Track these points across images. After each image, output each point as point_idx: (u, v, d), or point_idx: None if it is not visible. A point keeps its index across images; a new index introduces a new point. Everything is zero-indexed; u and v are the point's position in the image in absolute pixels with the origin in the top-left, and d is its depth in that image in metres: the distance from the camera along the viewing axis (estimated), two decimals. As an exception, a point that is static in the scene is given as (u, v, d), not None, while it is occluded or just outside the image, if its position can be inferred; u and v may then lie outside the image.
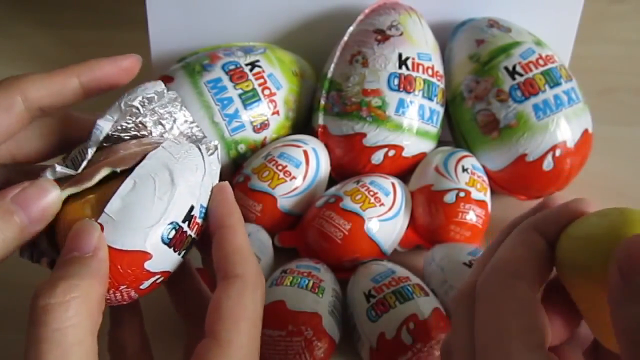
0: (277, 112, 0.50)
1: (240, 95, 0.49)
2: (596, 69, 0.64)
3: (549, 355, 0.25)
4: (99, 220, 0.26)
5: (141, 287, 0.28)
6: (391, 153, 0.49)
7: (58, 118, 0.33)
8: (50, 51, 0.66)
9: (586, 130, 0.49)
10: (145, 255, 0.27)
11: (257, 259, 0.43)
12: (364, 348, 0.39)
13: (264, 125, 0.50)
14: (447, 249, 0.44)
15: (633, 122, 0.60)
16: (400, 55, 0.49)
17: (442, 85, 0.51)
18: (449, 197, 0.46)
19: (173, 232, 0.27)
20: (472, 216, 0.46)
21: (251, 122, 0.49)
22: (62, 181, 0.29)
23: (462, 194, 0.46)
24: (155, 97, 0.31)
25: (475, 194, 0.46)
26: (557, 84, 0.48)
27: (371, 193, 0.46)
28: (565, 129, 0.48)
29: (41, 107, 0.30)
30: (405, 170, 0.50)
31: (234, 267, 0.28)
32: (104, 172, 0.28)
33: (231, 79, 0.49)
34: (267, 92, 0.50)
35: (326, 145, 0.50)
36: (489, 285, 0.27)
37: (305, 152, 0.48)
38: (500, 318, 0.26)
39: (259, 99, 0.49)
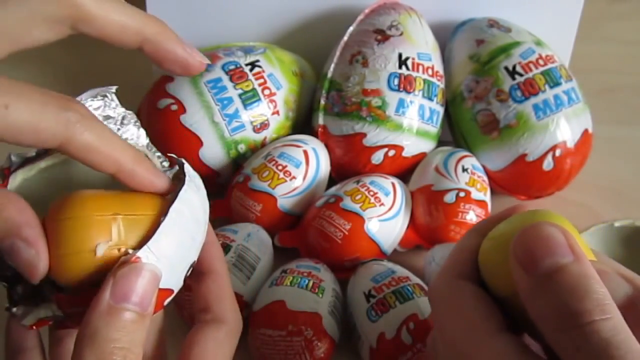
0: (277, 112, 0.50)
1: (240, 95, 0.49)
2: (596, 69, 0.64)
3: (513, 336, 0.25)
4: (138, 254, 0.25)
5: None
6: (391, 153, 0.49)
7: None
8: (51, 51, 0.66)
9: (586, 130, 0.49)
10: (170, 292, 0.27)
11: (257, 258, 0.43)
12: (364, 348, 0.39)
13: (264, 125, 0.50)
14: (447, 249, 0.44)
15: (633, 122, 0.60)
16: (400, 55, 0.49)
17: (442, 85, 0.51)
18: (449, 197, 0.46)
19: (192, 269, 0.28)
20: (472, 216, 0.46)
21: (251, 122, 0.49)
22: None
23: (462, 194, 0.46)
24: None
25: (475, 194, 0.46)
26: (557, 84, 0.48)
27: (371, 193, 0.46)
28: (565, 129, 0.48)
29: (91, 34, 0.29)
30: (405, 170, 0.50)
31: (225, 313, 0.29)
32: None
33: (231, 79, 0.49)
34: (267, 92, 0.50)
35: (326, 145, 0.50)
36: (438, 289, 0.29)
37: (305, 152, 0.48)
38: (454, 318, 0.27)
39: (259, 99, 0.50)
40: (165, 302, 0.27)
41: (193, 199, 0.27)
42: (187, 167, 0.29)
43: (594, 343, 0.22)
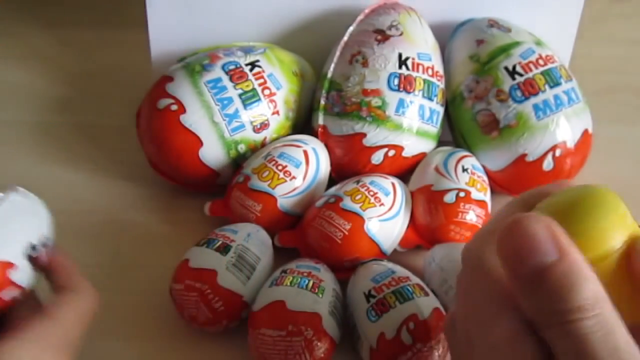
0: (277, 112, 0.50)
1: (240, 95, 0.49)
2: (596, 69, 0.64)
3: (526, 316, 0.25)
4: None
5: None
6: (391, 153, 0.49)
7: None
8: (51, 51, 0.66)
9: (586, 130, 0.49)
10: (9, 265, 0.32)
11: (257, 259, 0.43)
12: (364, 348, 0.39)
13: (264, 125, 0.50)
14: (447, 249, 0.44)
15: (633, 122, 0.60)
16: (400, 55, 0.49)
17: (442, 85, 0.51)
18: (449, 197, 0.46)
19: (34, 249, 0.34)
20: (472, 216, 0.46)
21: (251, 122, 0.49)
22: None
23: (462, 194, 0.46)
24: None
25: (475, 194, 0.46)
26: (557, 84, 0.48)
27: (371, 193, 0.46)
28: (565, 129, 0.48)
29: None
30: (405, 170, 0.50)
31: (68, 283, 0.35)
32: None
33: (231, 79, 0.49)
34: (267, 92, 0.50)
35: (326, 145, 0.50)
36: (469, 255, 0.28)
37: (305, 152, 0.48)
38: (480, 287, 0.27)
39: (259, 99, 0.50)
40: (11, 276, 0.32)
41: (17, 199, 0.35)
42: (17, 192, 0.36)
43: (571, 340, 0.22)
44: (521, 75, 0.48)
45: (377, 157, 0.49)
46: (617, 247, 0.25)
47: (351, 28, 0.51)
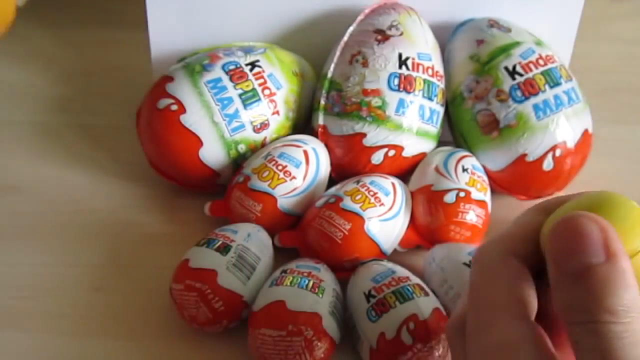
0: (277, 112, 0.50)
1: (240, 95, 0.49)
2: (596, 69, 0.64)
3: (534, 326, 0.25)
4: None
5: None
6: (391, 153, 0.49)
7: None
8: (50, 51, 0.66)
9: (586, 130, 0.49)
10: None
11: (257, 259, 0.43)
12: (364, 348, 0.39)
13: (264, 125, 0.50)
14: (447, 249, 0.44)
15: (633, 122, 0.60)
16: (400, 55, 0.49)
17: (442, 85, 0.51)
18: (449, 197, 0.46)
19: None
20: (472, 216, 0.46)
21: (251, 122, 0.49)
22: None
23: (462, 194, 0.46)
24: None
25: (475, 194, 0.46)
26: (557, 84, 0.48)
27: (371, 193, 0.46)
28: (565, 129, 0.48)
29: None
30: (405, 170, 0.50)
31: None
32: None
33: (231, 79, 0.49)
34: (267, 92, 0.50)
35: (326, 145, 0.50)
36: (481, 258, 0.28)
37: (305, 152, 0.48)
38: (487, 290, 0.27)
39: (259, 99, 0.50)
40: None
41: None
42: None
43: (598, 340, 0.23)
44: (521, 75, 0.48)
45: (377, 157, 0.49)
46: None
47: (351, 28, 0.51)
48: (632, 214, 0.26)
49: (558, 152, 0.48)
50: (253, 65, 0.50)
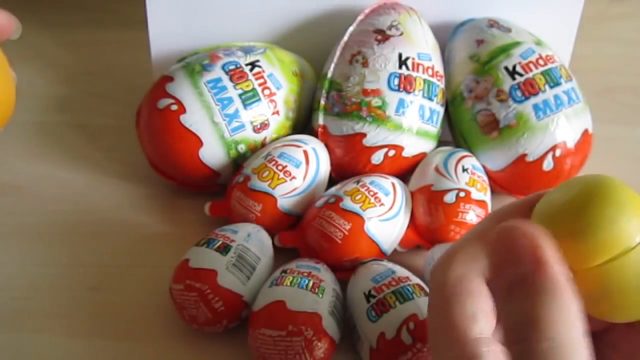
0: (277, 112, 0.50)
1: (240, 95, 0.49)
2: (596, 69, 0.64)
3: (489, 342, 0.25)
4: None
5: None
6: (391, 153, 0.49)
7: None
8: (50, 51, 0.66)
9: (586, 130, 0.49)
10: None
11: (257, 259, 0.43)
12: (364, 348, 0.39)
13: (264, 125, 0.50)
14: (447, 249, 0.44)
15: (633, 122, 0.60)
16: (400, 55, 0.49)
17: (442, 85, 0.51)
18: (449, 197, 0.46)
19: None
20: (472, 216, 0.46)
21: (251, 122, 0.49)
22: None
23: (462, 194, 0.46)
24: None
25: (475, 194, 0.46)
26: (557, 84, 0.48)
27: (371, 193, 0.46)
28: (565, 129, 0.48)
29: None
30: (405, 170, 0.50)
31: None
32: None
33: (231, 79, 0.49)
34: (267, 92, 0.50)
35: (326, 145, 0.50)
36: (437, 273, 0.28)
37: (305, 152, 0.48)
38: (445, 306, 0.26)
39: (259, 99, 0.50)
40: None
41: None
42: None
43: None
44: (521, 75, 0.48)
45: (377, 157, 0.49)
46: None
47: (351, 28, 0.51)
48: (628, 206, 0.25)
49: (558, 152, 0.48)
50: (253, 65, 0.50)
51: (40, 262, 0.46)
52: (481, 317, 0.25)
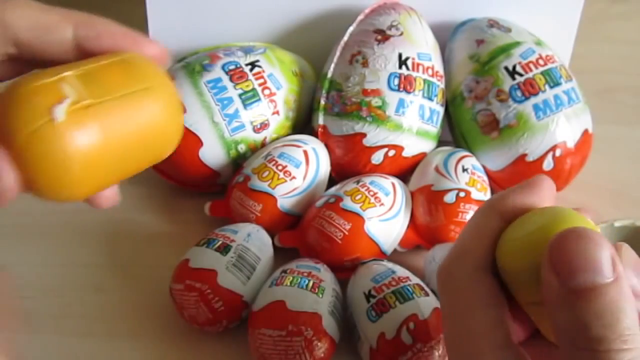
0: (277, 112, 0.50)
1: (240, 95, 0.49)
2: (596, 69, 0.64)
3: (517, 351, 0.25)
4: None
5: None
6: (391, 153, 0.49)
7: None
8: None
9: (586, 130, 0.49)
10: None
11: (257, 259, 0.43)
12: (364, 348, 0.39)
13: (264, 125, 0.50)
14: (447, 249, 0.44)
15: (633, 122, 0.60)
16: (400, 55, 0.49)
17: (442, 85, 0.51)
18: (449, 197, 0.46)
19: None
20: (472, 216, 0.46)
21: (251, 122, 0.49)
22: None
23: (462, 194, 0.46)
24: None
25: (475, 194, 0.46)
26: (557, 84, 0.48)
27: (371, 193, 0.46)
28: (565, 129, 0.48)
29: (17, 40, 0.24)
30: (405, 170, 0.50)
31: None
32: None
33: (231, 79, 0.49)
34: (267, 92, 0.50)
35: (326, 145, 0.50)
36: (448, 280, 0.27)
37: (305, 152, 0.48)
38: (463, 318, 0.26)
39: (259, 99, 0.50)
40: None
41: None
42: None
43: None
44: (521, 75, 0.48)
45: (377, 157, 0.49)
46: None
47: (351, 28, 0.51)
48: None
49: (558, 152, 0.48)
50: (253, 65, 0.50)
51: (40, 262, 0.46)
52: (507, 321, 0.25)
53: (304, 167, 0.47)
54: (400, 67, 0.49)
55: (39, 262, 0.46)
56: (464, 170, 0.47)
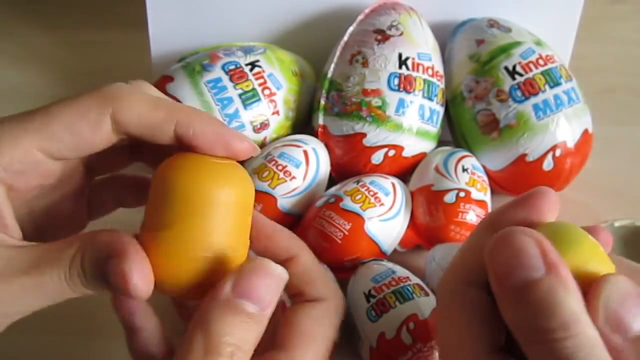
0: (277, 112, 0.50)
1: (240, 95, 0.49)
2: (596, 69, 0.64)
3: (499, 358, 0.25)
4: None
5: None
6: (391, 153, 0.49)
7: None
8: (51, 51, 0.66)
9: (586, 130, 0.49)
10: None
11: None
12: (364, 348, 0.39)
13: (264, 125, 0.50)
14: (447, 249, 0.44)
15: (633, 122, 0.60)
16: (400, 55, 0.49)
17: (442, 85, 0.51)
18: (449, 197, 0.46)
19: None
20: (472, 216, 0.46)
21: (251, 122, 0.49)
22: None
23: (462, 194, 0.46)
24: None
25: (475, 194, 0.46)
26: (557, 84, 0.48)
27: (371, 193, 0.46)
28: (565, 129, 0.48)
29: (128, 134, 0.27)
30: (405, 170, 0.50)
31: (319, 292, 0.29)
32: None
33: (231, 79, 0.49)
34: (267, 92, 0.50)
35: (326, 145, 0.50)
36: (442, 293, 0.28)
37: (305, 152, 0.48)
38: (450, 330, 0.26)
39: (259, 99, 0.50)
40: None
41: None
42: None
43: (556, 358, 0.22)
44: (521, 75, 0.48)
45: (377, 157, 0.49)
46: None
47: (351, 28, 0.51)
48: (587, 245, 0.25)
49: (558, 152, 0.48)
50: (253, 65, 0.50)
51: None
52: (493, 330, 0.25)
53: (304, 167, 0.47)
54: (400, 67, 0.49)
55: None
56: (464, 170, 0.47)
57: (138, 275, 0.25)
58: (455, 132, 0.52)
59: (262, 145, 0.50)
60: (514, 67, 0.49)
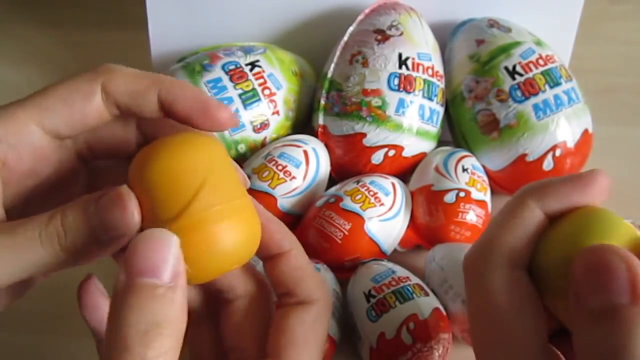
0: (277, 112, 0.50)
1: (240, 95, 0.49)
2: (596, 69, 0.64)
3: (553, 357, 0.24)
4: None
5: None
6: (391, 153, 0.49)
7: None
8: (51, 51, 0.66)
9: (586, 130, 0.49)
10: None
11: (257, 259, 0.43)
12: (364, 348, 0.39)
13: (264, 125, 0.50)
14: (447, 249, 0.44)
15: (633, 122, 0.60)
16: (400, 55, 0.49)
17: (442, 85, 0.51)
18: (449, 197, 0.46)
19: None
20: (472, 216, 0.46)
21: (251, 122, 0.49)
22: None
23: (462, 194, 0.46)
24: None
25: (475, 194, 0.46)
26: (557, 84, 0.48)
27: (371, 193, 0.46)
28: (565, 129, 0.48)
29: (118, 103, 0.27)
30: (405, 170, 0.50)
31: (310, 293, 0.27)
32: None
33: (231, 79, 0.49)
34: (267, 92, 0.50)
35: (326, 145, 0.50)
36: (483, 274, 0.26)
37: (305, 152, 0.48)
38: (500, 318, 0.25)
39: (259, 99, 0.50)
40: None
41: None
42: None
43: None
44: (521, 75, 0.48)
45: (377, 157, 0.49)
46: None
47: (351, 28, 0.51)
48: (627, 233, 0.25)
49: (558, 152, 0.48)
50: (253, 65, 0.50)
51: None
52: (543, 327, 0.25)
53: (304, 167, 0.47)
54: (400, 67, 0.49)
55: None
56: (464, 170, 0.47)
57: (135, 203, 0.24)
58: (455, 132, 0.52)
59: (262, 145, 0.50)
60: (514, 67, 0.49)
